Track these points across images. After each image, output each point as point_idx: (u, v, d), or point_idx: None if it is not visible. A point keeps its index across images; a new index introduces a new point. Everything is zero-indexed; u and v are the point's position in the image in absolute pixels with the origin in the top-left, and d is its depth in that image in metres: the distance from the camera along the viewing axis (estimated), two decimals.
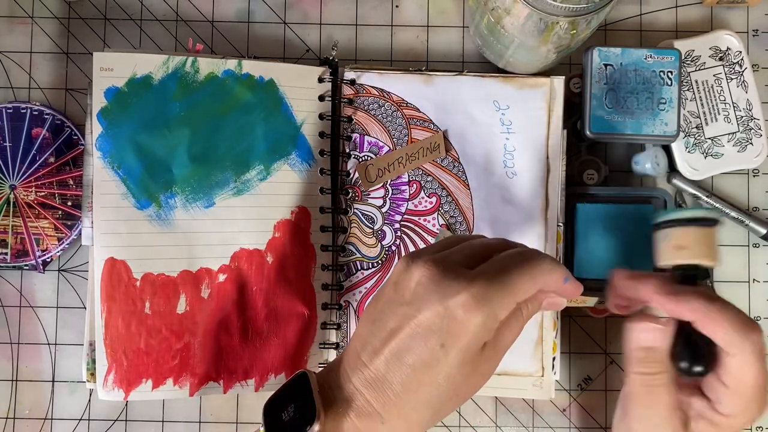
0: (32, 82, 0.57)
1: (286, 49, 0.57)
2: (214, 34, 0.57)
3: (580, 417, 0.55)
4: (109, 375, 0.50)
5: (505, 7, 0.45)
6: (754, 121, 0.54)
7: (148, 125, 0.51)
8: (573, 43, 0.48)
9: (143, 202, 0.51)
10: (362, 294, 0.54)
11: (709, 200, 0.55)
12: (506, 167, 0.54)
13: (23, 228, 0.55)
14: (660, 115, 0.51)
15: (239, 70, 0.52)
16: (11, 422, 0.55)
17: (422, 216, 0.54)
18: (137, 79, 0.51)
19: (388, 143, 0.54)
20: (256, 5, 0.58)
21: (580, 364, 0.56)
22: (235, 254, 0.51)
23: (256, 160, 0.52)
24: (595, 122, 0.51)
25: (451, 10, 0.58)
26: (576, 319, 0.56)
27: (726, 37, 0.54)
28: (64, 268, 0.56)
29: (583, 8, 0.42)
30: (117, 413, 0.55)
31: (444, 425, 0.55)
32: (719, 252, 0.43)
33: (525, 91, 0.54)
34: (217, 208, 0.51)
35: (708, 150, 0.54)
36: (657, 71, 0.51)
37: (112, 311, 0.50)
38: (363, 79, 0.55)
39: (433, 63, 0.57)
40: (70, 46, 0.57)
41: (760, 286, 0.56)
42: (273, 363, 0.51)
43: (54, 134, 0.55)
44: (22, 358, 0.55)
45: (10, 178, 0.55)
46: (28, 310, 0.56)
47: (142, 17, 0.57)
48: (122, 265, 0.50)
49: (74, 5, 0.57)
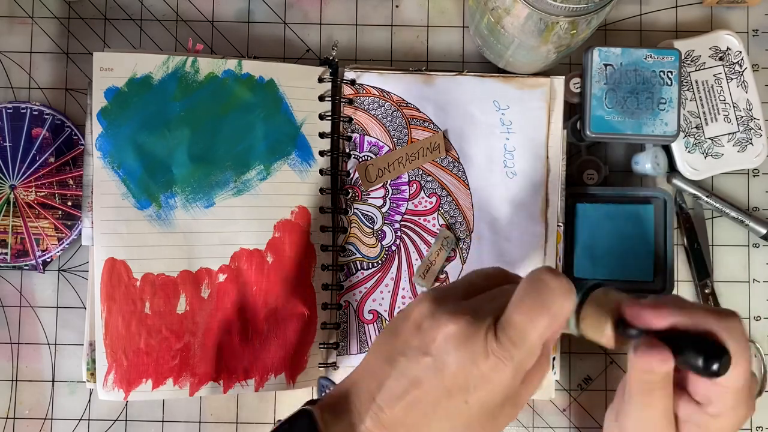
0: (32, 82, 0.57)
1: (286, 49, 0.57)
2: (214, 34, 0.57)
3: (580, 417, 0.55)
4: (109, 375, 0.50)
5: (505, 7, 0.45)
6: (754, 121, 0.54)
7: (148, 125, 0.51)
8: (573, 43, 0.48)
9: (143, 202, 0.51)
10: (362, 294, 0.54)
11: (709, 200, 0.55)
12: (506, 167, 0.54)
13: (23, 228, 0.55)
14: (660, 115, 0.51)
15: (239, 70, 0.52)
16: (11, 422, 0.55)
17: (422, 216, 0.54)
18: (137, 79, 0.51)
19: (388, 143, 0.54)
20: (256, 5, 0.58)
21: (580, 364, 0.56)
22: (235, 254, 0.51)
23: (256, 160, 0.52)
24: (595, 122, 0.51)
25: (451, 10, 0.58)
26: None
27: (726, 37, 0.54)
28: (64, 268, 0.56)
29: (583, 8, 0.42)
30: (117, 413, 0.55)
31: None
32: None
33: (525, 91, 0.54)
34: (217, 208, 0.51)
35: (708, 150, 0.54)
36: (657, 71, 0.51)
37: (112, 311, 0.50)
38: (363, 79, 0.55)
39: (433, 63, 0.57)
40: (70, 46, 0.57)
41: (760, 286, 0.56)
42: (273, 363, 0.51)
43: (54, 134, 0.55)
44: (22, 358, 0.55)
45: (10, 178, 0.55)
46: (28, 310, 0.56)
47: (142, 17, 0.57)
48: (122, 265, 0.50)
49: (74, 5, 0.57)
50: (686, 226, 0.56)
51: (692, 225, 0.56)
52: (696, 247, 0.55)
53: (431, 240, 0.54)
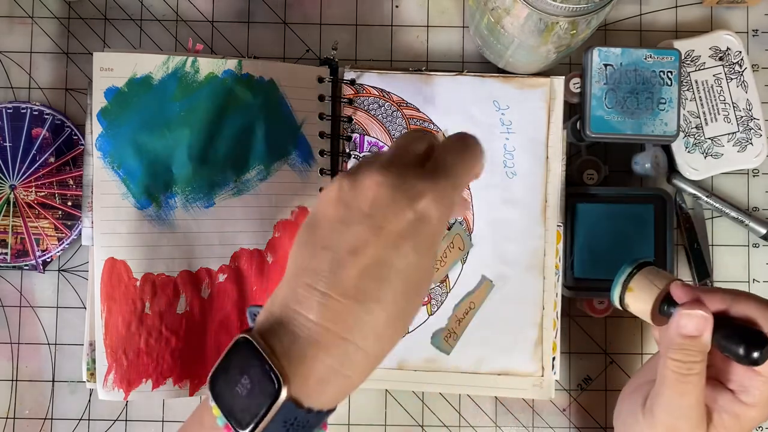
0: (32, 82, 0.57)
1: (286, 49, 0.57)
2: (214, 34, 0.57)
3: (580, 417, 0.55)
4: (109, 375, 0.50)
5: (505, 7, 0.45)
6: (754, 121, 0.54)
7: (148, 125, 0.51)
8: (573, 43, 0.48)
9: (143, 202, 0.51)
10: None
11: (709, 200, 0.55)
12: (506, 167, 0.54)
13: (23, 228, 0.55)
14: (660, 115, 0.51)
15: (239, 70, 0.52)
16: (11, 422, 0.55)
17: None
18: (137, 79, 0.51)
19: (388, 143, 0.54)
20: (256, 5, 0.58)
21: (580, 364, 0.56)
22: (235, 254, 0.51)
23: (256, 160, 0.52)
24: (595, 122, 0.51)
25: (451, 10, 0.58)
26: (576, 319, 0.56)
27: (726, 37, 0.54)
28: (64, 268, 0.56)
29: (583, 8, 0.42)
30: (117, 413, 0.55)
31: (444, 425, 0.55)
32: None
33: (525, 91, 0.54)
34: (217, 208, 0.51)
35: (708, 150, 0.54)
36: (657, 71, 0.51)
37: (112, 311, 0.50)
38: (363, 79, 0.55)
39: (433, 63, 0.57)
40: (70, 46, 0.57)
41: (760, 286, 0.56)
42: None
43: (54, 134, 0.55)
44: (22, 358, 0.55)
45: (10, 178, 0.55)
46: (28, 310, 0.56)
47: (142, 17, 0.57)
48: (122, 265, 0.50)
49: (74, 5, 0.57)
50: (686, 226, 0.56)
51: (692, 225, 0.56)
52: (696, 247, 0.55)
53: None
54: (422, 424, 0.55)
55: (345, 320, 0.33)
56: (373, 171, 0.34)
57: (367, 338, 0.34)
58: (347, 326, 0.34)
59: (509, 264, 0.53)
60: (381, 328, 0.34)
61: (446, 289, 0.53)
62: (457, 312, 0.53)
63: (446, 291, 0.53)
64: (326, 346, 0.33)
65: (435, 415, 0.55)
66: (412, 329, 0.53)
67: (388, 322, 0.34)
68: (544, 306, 0.53)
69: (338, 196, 0.35)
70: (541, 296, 0.53)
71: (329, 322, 0.33)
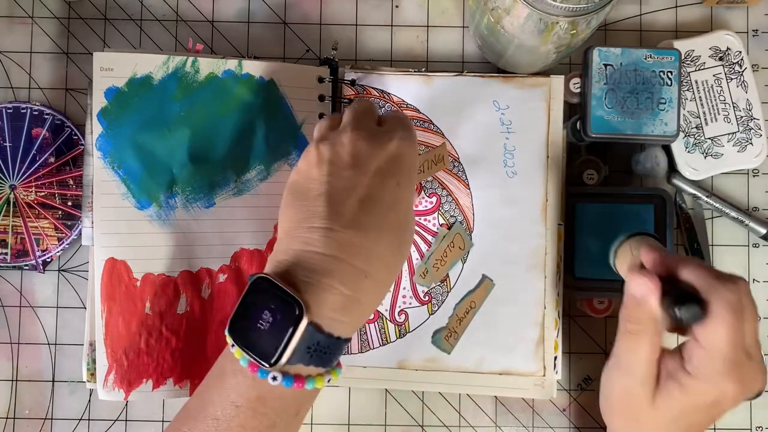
0: (32, 82, 0.57)
1: (286, 49, 0.57)
2: (214, 34, 0.57)
3: (580, 417, 0.55)
4: (109, 375, 0.50)
5: (505, 7, 0.45)
6: (754, 121, 0.54)
7: (149, 125, 0.51)
8: (573, 43, 0.48)
9: (143, 202, 0.51)
10: None
11: (709, 200, 0.55)
12: (506, 167, 0.54)
13: (23, 228, 0.55)
14: (660, 115, 0.51)
15: (239, 70, 0.52)
16: (11, 422, 0.55)
17: (422, 216, 0.54)
18: (137, 79, 0.51)
19: None
20: (256, 5, 0.58)
21: (580, 364, 0.56)
22: (235, 254, 0.51)
23: (256, 160, 0.52)
24: (595, 122, 0.51)
25: (451, 10, 0.58)
26: (576, 319, 0.56)
27: (726, 37, 0.54)
28: (64, 268, 0.56)
29: (583, 8, 0.42)
30: (117, 413, 0.55)
31: (444, 425, 0.55)
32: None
33: (525, 90, 0.54)
34: (217, 208, 0.51)
35: (708, 150, 0.54)
36: (657, 71, 0.51)
37: (112, 311, 0.50)
38: (363, 80, 0.55)
39: (433, 63, 0.57)
40: (70, 46, 0.57)
41: (760, 286, 0.56)
42: None
43: (54, 134, 0.55)
44: (22, 358, 0.55)
45: (10, 178, 0.55)
46: (28, 310, 0.56)
47: (142, 17, 0.57)
48: (122, 265, 0.50)
49: (74, 5, 0.57)
50: (686, 226, 0.56)
51: (692, 225, 0.56)
52: (696, 247, 0.55)
53: (431, 240, 0.54)
54: (422, 424, 0.55)
55: (350, 248, 0.38)
56: (348, 131, 0.41)
57: (373, 264, 0.39)
58: (353, 252, 0.38)
59: (510, 263, 0.53)
60: (383, 254, 0.39)
61: (447, 288, 0.53)
62: (458, 311, 0.53)
63: (447, 290, 0.53)
64: (338, 273, 0.37)
65: (435, 415, 0.55)
66: (413, 328, 0.53)
67: (389, 248, 0.40)
68: (546, 305, 0.53)
69: (319, 158, 0.41)
70: (543, 295, 0.53)
71: (336, 251, 0.38)
